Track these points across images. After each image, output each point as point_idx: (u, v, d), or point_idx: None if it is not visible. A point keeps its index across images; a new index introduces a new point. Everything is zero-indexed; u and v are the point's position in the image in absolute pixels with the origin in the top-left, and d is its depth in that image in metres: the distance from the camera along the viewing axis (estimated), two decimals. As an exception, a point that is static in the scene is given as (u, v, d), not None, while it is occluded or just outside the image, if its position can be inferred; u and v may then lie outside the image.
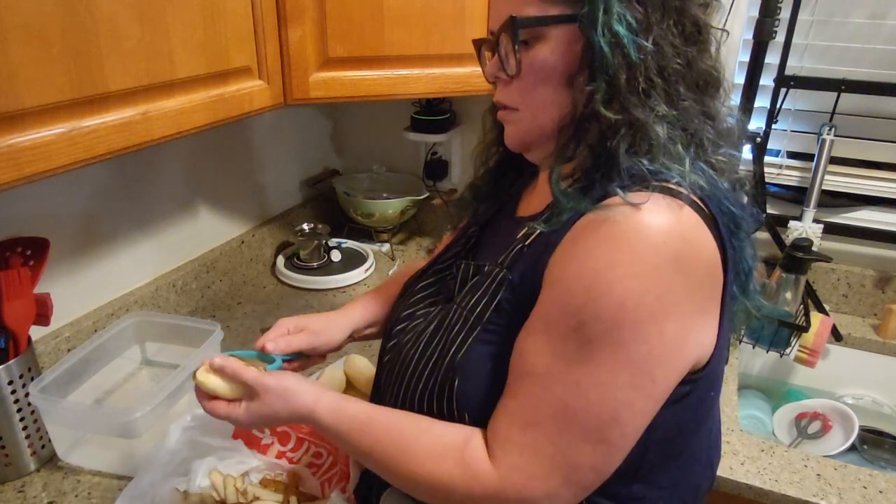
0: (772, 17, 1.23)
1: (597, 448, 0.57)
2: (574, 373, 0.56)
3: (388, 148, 1.80)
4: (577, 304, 0.55)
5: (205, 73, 0.89)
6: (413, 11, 1.08)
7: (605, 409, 0.56)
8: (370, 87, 1.11)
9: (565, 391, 0.56)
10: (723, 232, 0.59)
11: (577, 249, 0.57)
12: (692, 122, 0.61)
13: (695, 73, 0.61)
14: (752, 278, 0.65)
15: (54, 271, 1.06)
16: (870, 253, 1.41)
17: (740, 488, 0.95)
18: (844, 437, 1.24)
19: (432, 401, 0.66)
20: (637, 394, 0.56)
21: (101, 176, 1.13)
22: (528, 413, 0.59)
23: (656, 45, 0.58)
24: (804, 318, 1.25)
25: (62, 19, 0.67)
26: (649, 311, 0.54)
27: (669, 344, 0.56)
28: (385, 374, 0.75)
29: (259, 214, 1.60)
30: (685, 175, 0.58)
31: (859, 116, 1.35)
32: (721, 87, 0.64)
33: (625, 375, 0.55)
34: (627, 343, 0.54)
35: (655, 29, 0.59)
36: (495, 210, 0.80)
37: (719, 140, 0.63)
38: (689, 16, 0.60)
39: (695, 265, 0.56)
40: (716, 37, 0.64)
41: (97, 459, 0.92)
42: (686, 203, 0.57)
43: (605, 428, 0.56)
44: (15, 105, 0.64)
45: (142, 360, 1.14)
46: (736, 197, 0.63)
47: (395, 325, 0.78)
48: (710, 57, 0.63)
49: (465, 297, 0.67)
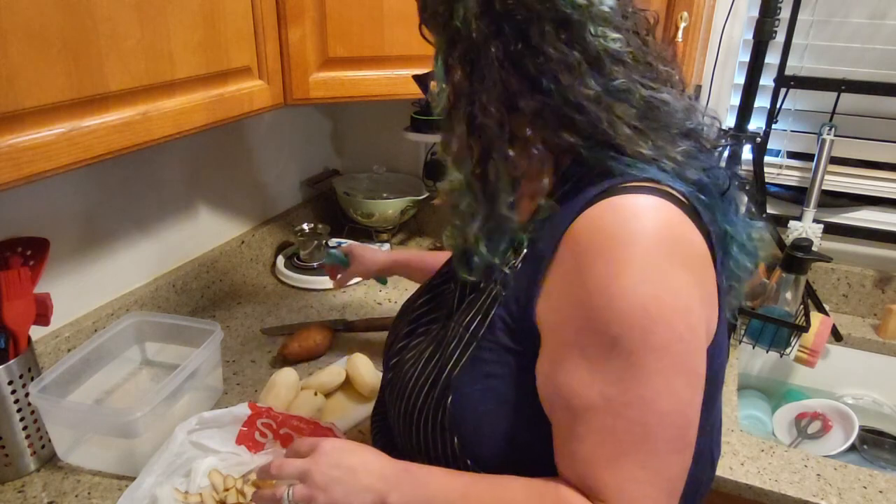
0: (772, 17, 1.23)
1: (683, 454, 0.57)
2: (635, 390, 0.54)
3: (388, 148, 1.80)
4: (603, 322, 0.54)
5: (205, 73, 0.89)
6: (413, 11, 1.05)
7: (676, 414, 0.55)
8: (370, 87, 1.11)
9: (635, 412, 0.55)
10: (705, 219, 0.59)
11: (578, 269, 0.56)
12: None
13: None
14: (733, 238, 0.64)
15: (54, 271, 1.06)
16: (870, 253, 1.41)
17: (740, 488, 0.95)
18: (844, 437, 1.24)
19: (428, 418, 0.66)
20: (693, 390, 0.56)
21: (101, 176, 1.13)
22: (609, 450, 0.56)
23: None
24: (804, 318, 1.25)
25: (62, 19, 0.67)
26: (671, 308, 0.54)
27: (699, 334, 0.56)
28: (388, 392, 0.75)
29: (259, 214, 1.60)
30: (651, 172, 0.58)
31: (859, 116, 1.35)
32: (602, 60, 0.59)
33: (679, 377, 0.55)
34: (666, 345, 0.54)
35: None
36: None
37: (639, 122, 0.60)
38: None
39: (690, 256, 0.56)
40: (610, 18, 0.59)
41: (97, 459, 0.92)
42: (663, 196, 0.56)
43: (683, 432, 0.56)
44: (15, 105, 0.64)
45: (142, 360, 1.14)
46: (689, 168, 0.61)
47: (397, 343, 0.78)
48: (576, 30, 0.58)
49: (462, 315, 0.67)
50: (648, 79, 0.61)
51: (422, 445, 0.68)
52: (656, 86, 0.61)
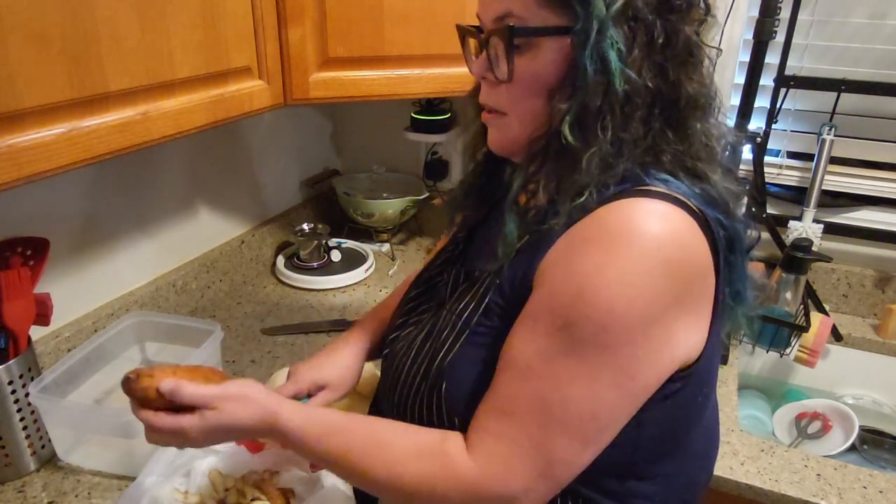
0: (772, 17, 1.23)
1: (572, 443, 0.57)
2: (555, 368, 0.56)
3: (388, 148, 1.80)
4: (565, 304, 0.56)
5: (205, 73, 0.89)
6: (413, 11, 1.07)
7: (583, 405, 0.56)
8: (370, 87, 1.11)
9: (543, 385, 0.57)
10: (715, 233, 0.59)
11: (570, 252, 0.57)
12: (668, 147, 0.60)
13: (680, 97, 0.59)
14: (742, 299, 0.65)
15: (54, 271, 1.06)
16: (870, 253, 1.41)
17: (740, 488, 0.95)
18: (844, 437, 1.24)
19: (423, 405, 0.66)
20: (617, 392, 0.56)
21: (102, 176, 1.13)
22: (505, 403, 0.59)
23: (641, 75, 0.56)
24: (804, 318, 1.25)
25: (62, 19, 0.67)
26: (637, 315, 0.54)
27: (654, 345, 0.56)
28: (382, 383, 0.76)
29: (259, 214, 1.60)
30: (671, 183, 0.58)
31: (859, 116, 1.35)
32: (708, 109, 0.62)
33: (607, 374, 0.55)
34: (613, 345, 0.55)
35: (644, 55, 0.57)
36: (488, 210, 0.79)
37: (698, 163, 0.61)
38: (681, 37, 0.58)
39: (686, 269, 0.56)
40: (709, 55, 0.62)
41: (97, 459, 0.92)
42: (679, 206, 0.56)
43: (583, 423, 0.57)
44: (15, 105, 0.64)
45: (142, 361, 1.14)
46: (730, 212, 0.62)
47: (390, 334, 0.78)
48: (700, 76, 0.61)
49: (455, 303, 0.68)
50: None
51: None
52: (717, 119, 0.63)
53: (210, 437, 0.65)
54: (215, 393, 0.64)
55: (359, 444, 0.63)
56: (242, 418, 0.64)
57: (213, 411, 0.63)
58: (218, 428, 0.64)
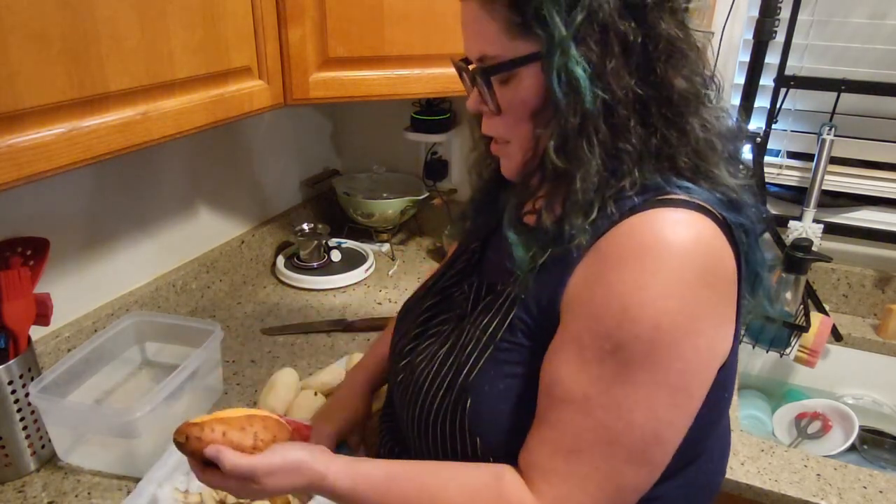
0: (772, 17, 1.23)
1: (641, 469, 0.57)
2: (614, 395, 0.55)
3: (388, 148, 1.80)
4: (611, 326, 0.55)
5: (205, 73, 0.89)
6: (413, 11, 1.07)
7: (647, 429, 0.55)
8: (370, 87, 1.11)
9: (607, 415, 0.56)
10: (737, 237, 0.59)
11: (605, 270, 0.56)
12: (673, 149, 0.59)
13: (668, 94, 0.58)
14: (761, 281, 0.64)
15: (54, 271, 1.06)
16: (870, 253, 1.41)
17: (740, 488, 0.95)
18: (844, 437, 1.24)
19: (445, 421, 0.66)
20: (677, 411, 0.56)
21: (102, 176, 1.13)
22: (571, 442, 0.57)
23: (622, 84, 0.56)
24: (804, 318, 1.25)
25: (62, 19, 0.67)
26: (684, 329, 0.54)
27: (703, 357, 0.56)
28: (399, 395, 0.75)
29: (259, 214, 1.60)
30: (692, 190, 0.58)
31: (859, 116, 1.35)
32: (704, 98, 0.61)
33: (664, 394, 0.55)
34: (665, 362, 0.54)
35: (622, 62, 0.56)
36: (497, 222, 0.79)
37: (697, 158, 0.61)
38: (660, 33, 0.57)
39: (719, 276, 0.56)
40: (698, 39, 0.61)
41: (97, 459, 0.92)
42: (703, 213, 0.56)
43: (649, 448, 0.56)
44: (15, 105, 0.64)
45: (142, 360, 1.14)
46: (739, 201, 0.61)
47: (406, 345, 0.77)
48: (691, 66, 0.60)
49: (479, 318, 0.67)
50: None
51: (439, 448, 0.67)
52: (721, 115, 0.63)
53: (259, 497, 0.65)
54: (255, 466, 0.62)
55: (411, 497, 0.62)
56: (286, 487, 0.64)
57: (258, 486, 0.63)
58: (263, 495, 0.65)
